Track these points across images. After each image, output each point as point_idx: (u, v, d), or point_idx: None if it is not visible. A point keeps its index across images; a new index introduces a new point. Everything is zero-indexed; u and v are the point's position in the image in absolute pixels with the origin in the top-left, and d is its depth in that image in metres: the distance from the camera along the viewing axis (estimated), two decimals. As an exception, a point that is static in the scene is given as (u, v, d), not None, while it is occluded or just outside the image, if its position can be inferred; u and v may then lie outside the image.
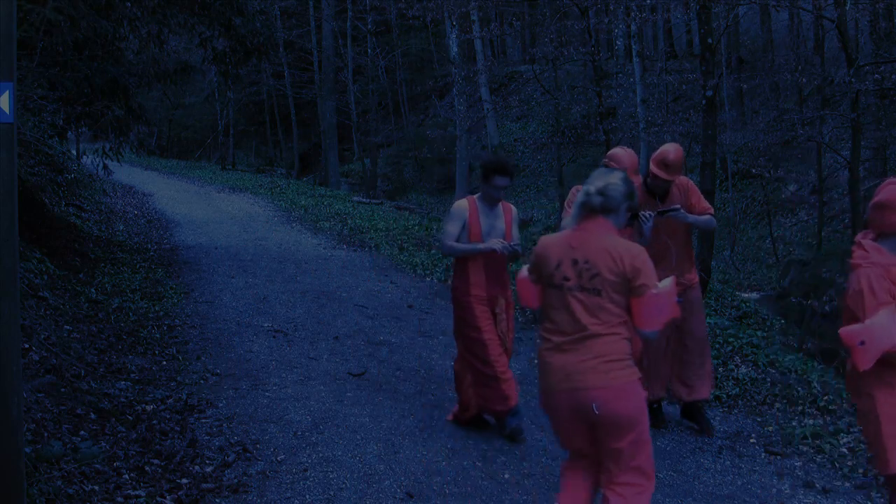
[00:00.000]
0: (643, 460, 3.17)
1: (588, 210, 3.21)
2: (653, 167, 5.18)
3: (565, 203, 5.41)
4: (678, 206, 5.10)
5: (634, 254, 3.15)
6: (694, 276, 5.39)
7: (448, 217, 5.10)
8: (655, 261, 4.94)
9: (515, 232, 5.16)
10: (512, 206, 5.23)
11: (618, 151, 5.31)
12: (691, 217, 5.16)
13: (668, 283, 3.25)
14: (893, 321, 3.19)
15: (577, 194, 4.34)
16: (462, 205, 5.08)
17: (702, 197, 5.35)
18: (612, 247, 3.13)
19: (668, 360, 5.40)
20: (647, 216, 5.00)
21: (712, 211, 5.31)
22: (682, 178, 5.28)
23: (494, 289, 5.05)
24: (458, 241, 5.05)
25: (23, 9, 6.98)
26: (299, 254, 11.78)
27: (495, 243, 4.90)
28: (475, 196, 5.14)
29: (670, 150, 5.16)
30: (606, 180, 3.23)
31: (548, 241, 3.32)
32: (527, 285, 3.45)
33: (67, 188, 14.58)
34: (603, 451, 3.19)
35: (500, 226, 5.05)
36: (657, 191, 5.25)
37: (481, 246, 4.98)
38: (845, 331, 3.28)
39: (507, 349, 5.15)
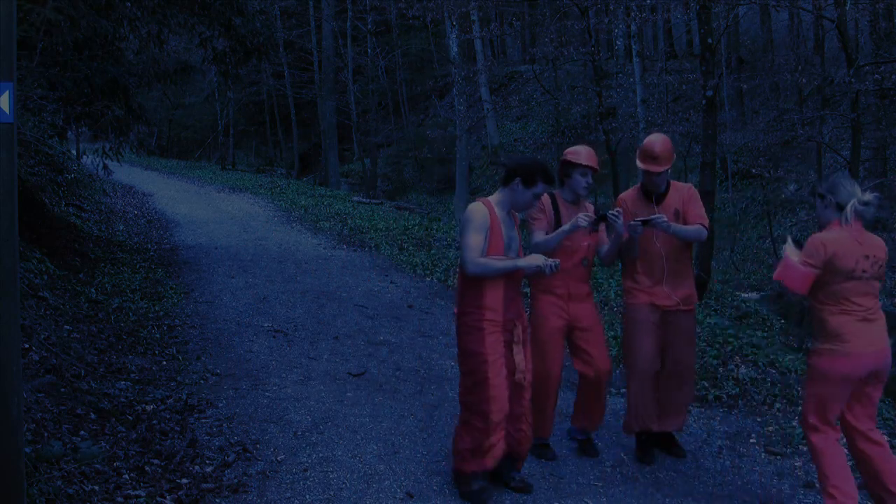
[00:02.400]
0: None
1: (859, 216, 3.93)
2: (639, 162, 4.75)
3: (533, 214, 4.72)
4: (662, 215, 4.57)
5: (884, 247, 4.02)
6: (691, 296, 4.82)
7: (468, 226, 4.13)
8: (645, 270, 4.80)
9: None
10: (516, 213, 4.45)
11: (577, 148, 4.82)
12: (674, 227, 4.61)
13: None
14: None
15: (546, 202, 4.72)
16: (482, 211, 4.16)
17: (701, 207, 4.79)
18: (879, 243, 3.97)
19: (655, 387, 4.82)
20: (616, 213, 4.52)
21: (706, 222, 4.75)
22: (687, 186, 4.87)
23: (511, 312, 4.23)
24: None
25: (23, 9, 6.98)
26: (299, 254, 11.78)
27: (537, 259, 4.09)
28: (492, 199, 4.28)
29: (656, 140, 4.73)
30: (868, 194, 3.94)
31: (832, 239, 3.90)
32: (805, 273, 3.93)
33: (67, 188, 14.59)
34: (862, 403, 3.96)
35: (516, 237, 4.31)
36: (653, 188, 4.79)
37: (523, 262, 4.13)
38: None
39: (524, 387, 4.31)
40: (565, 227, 4.51)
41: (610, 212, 4.56)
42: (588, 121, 20.64)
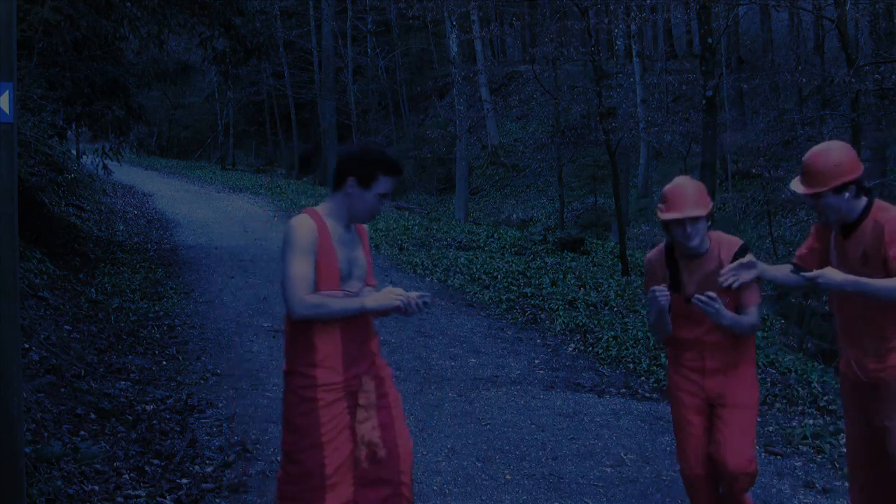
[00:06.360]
0: None
1: None
2: None
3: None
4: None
5: None
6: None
7: (287, 249, 2.93)
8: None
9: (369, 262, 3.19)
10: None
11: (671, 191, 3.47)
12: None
13: None
14: None
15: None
16: (307, 226, 2.93)
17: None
18: None
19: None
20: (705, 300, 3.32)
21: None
22: (888, 215, 3.16)
23: (357, 365, 3.06)
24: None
25: (21, 9, 6.99)
26: (299, 254, 11.76)
27: (389, 297, 2.95)
28: (322, 209, 3.04)
29: (816, 151, 3.26)
30: None
31: None
32: None
33: (67, 188, 14.58)
34: None
35: (361, 257, 3.09)
36: (824, 220, 3.36)
37: (372, 303, 2.95)
38: None
39: (384, 464, 3.05)
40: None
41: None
42: (588, 121, 20.63)
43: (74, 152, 17.55)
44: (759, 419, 5.55)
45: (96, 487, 3.94)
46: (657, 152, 21.85)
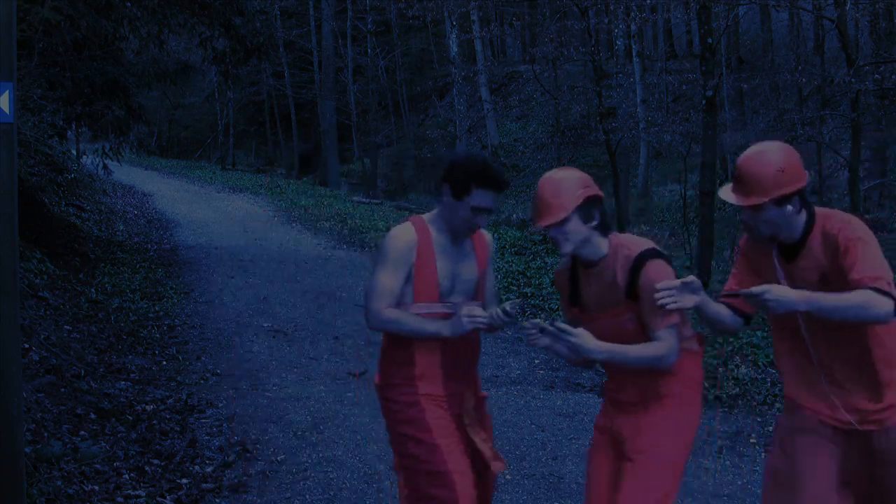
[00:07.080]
0: None
1: None
2: None
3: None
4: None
5: None
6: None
7: (379, 259, 2.82)
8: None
9: (491, 278, 3.00)
10: (486, 233, 3.00)
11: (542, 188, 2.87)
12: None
13: None
14: None
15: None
16: (405, 237, 2.78)
17: (867, 259, 2.44)
18: None
19: None
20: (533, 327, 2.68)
21: (877, 282, 2.39)
22: (836, 223, 2.56)
23: (458, 382, 2.85)
24: (398, 303, 2.78)
25: (21, 8, 6.99)
26: (299, 254, 11.78)
27: (469, 319, 2.68)
28: (428, 216, 2.88)
29: (753, 153, 2.70)
30: None
31: None
32: None
33: (67, 188, 14.57)
34: None
35: (470, 273, 2.86)
36: (756, 236, 2.70)
37: (447, 330, 2.72)
38: None
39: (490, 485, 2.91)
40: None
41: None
42: (588, 121, 20.64)
43: (74, 152, 17.54)
44: (758, 419, 5.57)
45: (96, 487, 3.94)
46: (657, 152, 21.83)
